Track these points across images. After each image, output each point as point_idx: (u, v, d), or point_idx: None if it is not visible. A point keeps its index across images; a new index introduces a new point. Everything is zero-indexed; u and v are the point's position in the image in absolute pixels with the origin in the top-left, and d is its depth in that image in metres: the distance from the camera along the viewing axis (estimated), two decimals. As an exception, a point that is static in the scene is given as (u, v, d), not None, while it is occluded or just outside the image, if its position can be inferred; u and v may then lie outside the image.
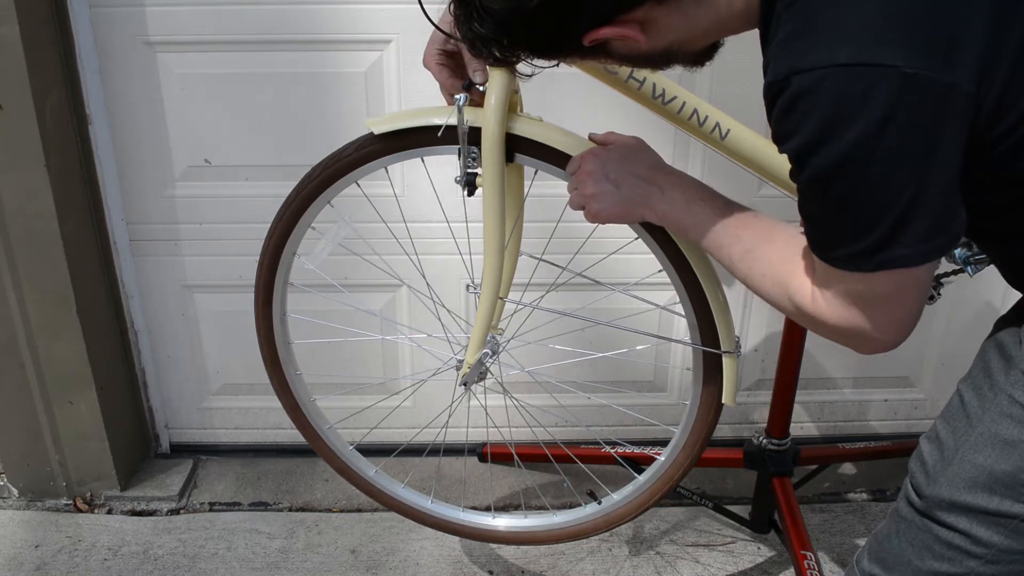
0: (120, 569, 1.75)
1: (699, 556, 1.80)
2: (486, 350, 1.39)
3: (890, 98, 0.73)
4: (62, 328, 1.78)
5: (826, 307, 0.88)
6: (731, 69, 1.76)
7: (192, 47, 1.72)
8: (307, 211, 1.35)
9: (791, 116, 0.77)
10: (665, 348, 2.00)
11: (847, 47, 0.74)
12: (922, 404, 2.13)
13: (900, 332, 0.87)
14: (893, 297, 0.84)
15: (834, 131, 0.75)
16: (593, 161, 1.11)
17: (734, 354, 1.28)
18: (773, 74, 0.79)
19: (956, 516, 0.91)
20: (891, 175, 0.76)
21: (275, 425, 2.07)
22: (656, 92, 1.16)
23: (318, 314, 1.80)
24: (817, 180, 0.80)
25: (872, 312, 0.85)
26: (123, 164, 1.82)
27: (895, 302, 0.85)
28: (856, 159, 0.76)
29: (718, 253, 1.04)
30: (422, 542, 1.82)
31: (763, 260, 0.98)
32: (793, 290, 0.93)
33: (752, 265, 0.99)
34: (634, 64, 0.93)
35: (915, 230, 0.79)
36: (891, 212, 0.78)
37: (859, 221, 0.80)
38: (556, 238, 1.53)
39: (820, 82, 0.74)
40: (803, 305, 0.91)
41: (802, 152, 0.79)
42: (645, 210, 1.09)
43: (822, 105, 0.75)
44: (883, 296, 0.84)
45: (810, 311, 0.90)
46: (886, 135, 0.74)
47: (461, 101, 1.17)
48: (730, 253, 1.02)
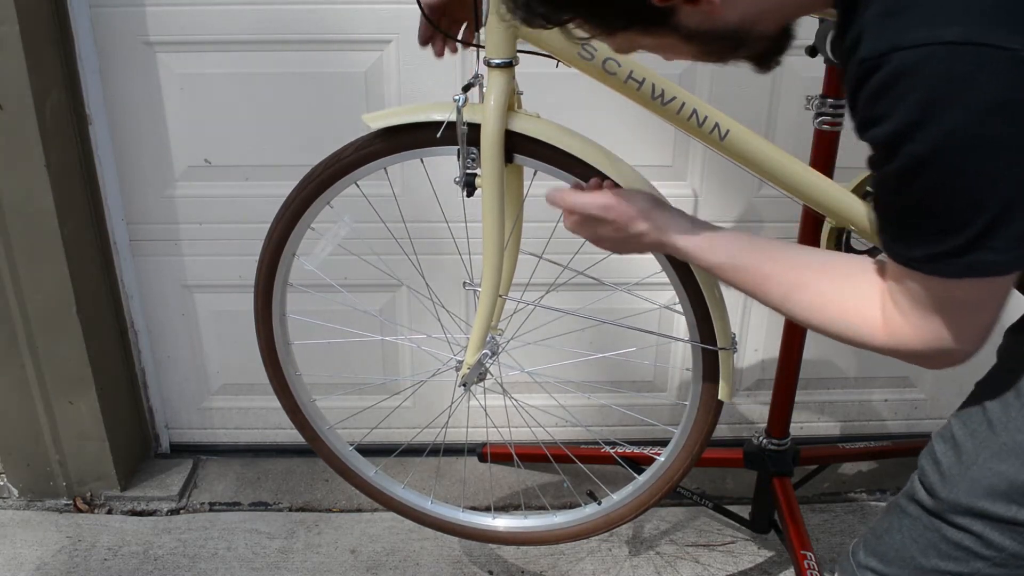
0: (120, 569, 1.75)
1: (699, 556, 1.80)
2: (485, 350, 1.39)
3: (1001, 82, 0.66)
4: (62, 328, 1.78)
5: (902, 324, 0.81)
6: (731, 69, 1.76)
7: (192, 47, 1.72)
8: (307, 211, 1.35)
9: (886, 96, 0.70)
10: (665, 348, 2.00)
11: (956, 25, 0.67)
12: (922, 404, 2.13)
13: (980, 340, 0.80)
14: (977, 305, 0.77)
15: (935, 114, 0.68)
16: (571, 222, 1.10)
17: (730, 351, 1.28)
18: (869, 50, 0.70)
19: (970, 520, 0.90)
20: (992, 168, 0.69)
21: (275, 425, 2.07)
22: (655, 92, 1.16)
23: (318, 314, 1.80)
24: (908, 169, 0.72)
25: (954, 321, 0.78)
26: (123, 164, 1.82)
27: (979, 310, 0.77)
28: (956, 147, 0.69)
29: (754, 293, 0.96)
30: (422, 542, 1.82)
31: (811, 294, 0.90)
32: (861, 320, 0.85)
33: (799, 302, 0.91)
34: (701, 45, 0.81)
35: (1010, 233, 0.71)
36: (986, 210, 0.70)
37: (949, 218, 0.72)
38: (556, 238, 1.53)
39: (924, 61, 0.67)
40: (874, 334, 0.84)
41: (896, 136, 0.71)
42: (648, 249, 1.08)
43: (924, 85, 0.68)
44: (965, 304, 0.77)
45: (883, 338, 0.83)
46: (992, 123, 0.67)
47: (460, 102, 1.17)
48: (767, 293, 0.94)
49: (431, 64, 1.73)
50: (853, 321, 0.86)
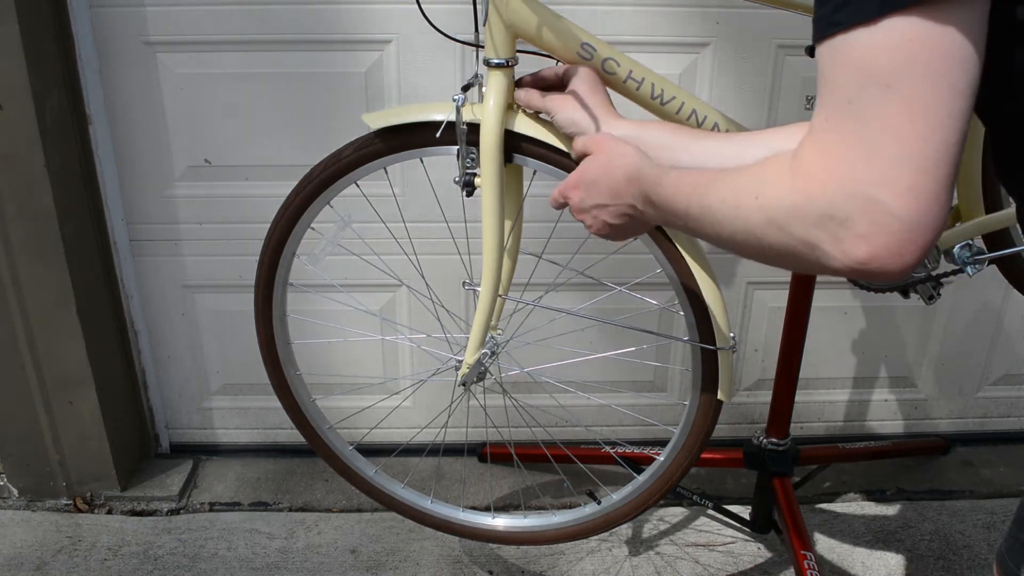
0: (120, 569, 1.76)
1: (699, 556, 1.80)
2: (485, 350, 1.39)
3: None
4: (62, 328, 1.78)
5: (810, 156, 0.63)
6: (731, 69, 1.76)
7: (192, 47, 1.72)
8: (307, 211, 1.35)
9: None
10: (665, 348, 2.00)
11: None
12: (922, 404, 2.13)
13: (917, 193, 0.59)
14: (902, 93, 0.59)
15: None
16: (571, 196, 1.07)
17: (730, 351, 1.28)
18: None
19: None
20: None
21: (275, 425, 2.07)
22: (655, 92, 1.16)
23: (318, 314, 1.80)
24: None
25: (868, 134, 0.60)
26: (123, 164, 1.82)
27: (908, 112, 0.59)
28: None
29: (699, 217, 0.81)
30: (422, 542, 1.83)
31: (724, 189, 0.76)
32: (772, 173, 0.68)
33: (719, 192, 0.77)
34: None
35: None
36: None
37: None
38: (556, 238, 1.53)
39: None
40: (781, 184, 0.67)
41: None
42: (638, 233, 1.05)
43: None
44: (885, 100, 0.59)
45: (788, 185, 0.66)
46: None
47: (459, 101, 1.17)
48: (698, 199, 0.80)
49: (431, 64, 1.73)
50: (764, 177, 0.70)
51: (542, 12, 1.12)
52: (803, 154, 0.65)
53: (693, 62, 1.75)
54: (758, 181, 0.71)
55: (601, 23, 1.69)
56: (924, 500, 1.97)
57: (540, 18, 1.12)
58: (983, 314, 2.02)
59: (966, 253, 1.38)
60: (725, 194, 0.75)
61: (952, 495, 1.99)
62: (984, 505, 1.95)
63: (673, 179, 0.87)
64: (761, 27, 1.72)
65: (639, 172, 0.95)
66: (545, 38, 1.13)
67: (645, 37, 1.72)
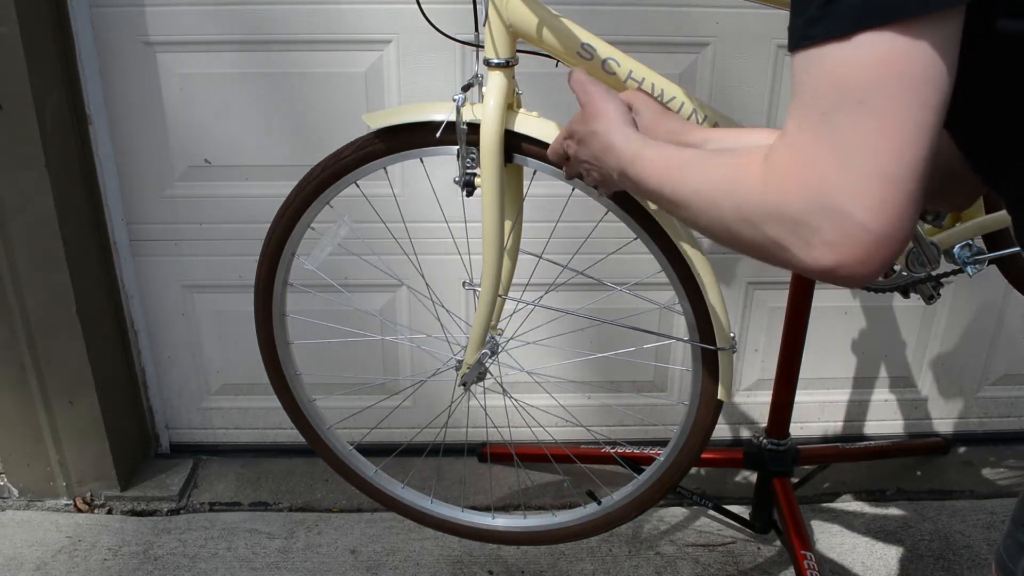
0: (120, 569, 1.76)
1: (699, 556, 1.80)
2: (485, 350, 1.39)
3: None
4: (62, 328, 1.78)
5: (782, 158, 0.64)
6: (731, 69, 1.76)
7: (192, 47, 1.72)
8: (307, 211, 1.35)
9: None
10: (665, 348, 2.00)
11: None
12: (922, 404, 2.13)
13: (885, 206, 0.60)
14: (875, 108, 0.59)
15: None
16: (568, 146, 1.07)
17: (730, 351, 1.28)
18: None
19: None
20: None
21: (275, 425, 2.07)
22: (655, 92, 1.16)
23: (318, 314, 1.80)
24: None
25: (840, 144, 0.60)
26: (123, 164, 1.82)
27: (880, 127, 0.59)
28: None
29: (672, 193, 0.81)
30: (422, 542, 1.83)
31: (697, 178, 0.76)
32: (746, 170, 0.69)
33: (693, 178, 0.77)
34: None
35: None
36: None
37: None
38: (556, 238, 1.53)
39: None
40: (752, 182, 0.67)
41: None
42: (620, 187, 1.01)
43: None
44: (857, 112, 0.60)
45: (760, 185, 0.66)
46: None
47: (459, 101, 1.17)
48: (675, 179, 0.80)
49: (431, 64, 1.73)
50: (738, 173, 0.70)
51: (542, 12, 1.12)
52: (777, 158, 0.65)
53: (693, 62, 1.75)
54: (732, 177, 0.71)
55: (601, 23, 1.69)
56: (924, 500, 1.97)
57: (540, 18, 1.12)
58: (983, 314, 2.02)
59: (966, 253, 1.38)
60: (698, 184, 0.76)
61: (952, 495, 1.99)
62: (984, 505, 1.95)
63: (649, 157, 0.87)
64: (761, 27, 1.72)
65: (612, 146, 0.95)
66: (545, 38, 1.13)
67: (645, 37, 1.72)
